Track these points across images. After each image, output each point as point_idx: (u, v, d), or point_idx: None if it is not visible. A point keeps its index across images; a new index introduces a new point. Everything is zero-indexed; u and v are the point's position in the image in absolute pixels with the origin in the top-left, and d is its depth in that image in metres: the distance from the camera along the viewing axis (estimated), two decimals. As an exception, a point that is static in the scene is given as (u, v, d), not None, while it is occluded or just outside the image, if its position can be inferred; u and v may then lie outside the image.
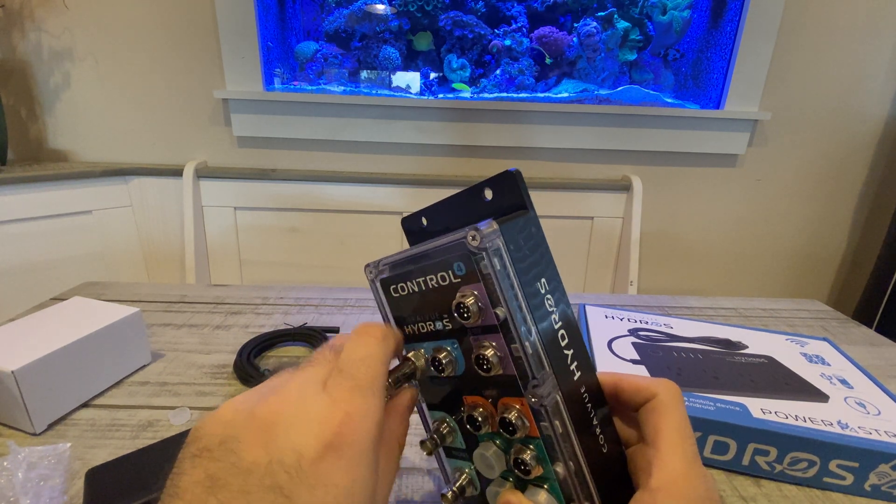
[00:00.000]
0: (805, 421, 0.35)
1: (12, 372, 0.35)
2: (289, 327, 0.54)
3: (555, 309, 0.22)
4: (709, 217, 1.42)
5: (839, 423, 0.35)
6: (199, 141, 1.32)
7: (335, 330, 0.55)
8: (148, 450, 0.32)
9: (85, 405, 0.41)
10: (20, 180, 1.08)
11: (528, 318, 0.20)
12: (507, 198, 0.22)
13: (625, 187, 1.30)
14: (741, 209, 1.41)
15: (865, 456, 0.33)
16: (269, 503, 0.16)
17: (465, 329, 0.22)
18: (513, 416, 0.21)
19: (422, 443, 0.26)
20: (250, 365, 0.46)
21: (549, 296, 0.22)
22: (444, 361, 0.24)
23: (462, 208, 0.24)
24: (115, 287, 0.67)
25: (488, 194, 0.22)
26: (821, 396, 0.39)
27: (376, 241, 1.30)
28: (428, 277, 0.23)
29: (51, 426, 0.38)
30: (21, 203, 1.09)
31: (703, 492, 0.20)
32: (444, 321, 0.24)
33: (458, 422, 0.26)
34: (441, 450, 0.28)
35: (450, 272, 0.22)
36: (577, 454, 0.21)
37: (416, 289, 0.24)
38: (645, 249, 1.40)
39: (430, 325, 0.24)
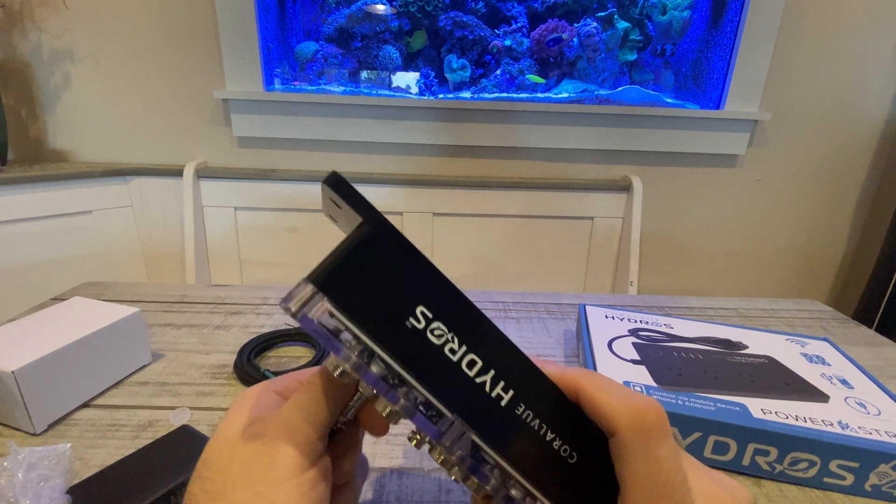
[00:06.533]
0: (805, 421, 0.35)
1: (12, 372, 0.35)
2: (289, 327, 0.54)
3: (448, 336, 0.18)
4: (709, 217, 1.42)
5: (839, 423, 0.35)
6: (199, 141, 1.32)
7: (335, 330, 0.55)
8: (126, 461, 0.32)
9: (85, 405, 0.41)
10: (20, 180, 1.08)
11: (405, 375, 0.17)
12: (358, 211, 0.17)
13: (625, 187, 1.30)
14: (741, 209, 1.41)
15: (866, 456, 0.33)
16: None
17: None
18: (454, 476, 0.19)
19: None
20: (250, 365, 0.46)
21: (435, 323, 0.18)
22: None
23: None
24: (115, 287, 0.67)
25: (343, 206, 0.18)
26: (821, 396, 0.39)
27: (376, 242, 1.30)
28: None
29: (51, 426, 0.38)
30: (21, 203, 1.09)
31: None
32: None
33: None
34: None
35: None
36: (529, 489, 0.18)
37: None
38: (645, 249, 1.40)
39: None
